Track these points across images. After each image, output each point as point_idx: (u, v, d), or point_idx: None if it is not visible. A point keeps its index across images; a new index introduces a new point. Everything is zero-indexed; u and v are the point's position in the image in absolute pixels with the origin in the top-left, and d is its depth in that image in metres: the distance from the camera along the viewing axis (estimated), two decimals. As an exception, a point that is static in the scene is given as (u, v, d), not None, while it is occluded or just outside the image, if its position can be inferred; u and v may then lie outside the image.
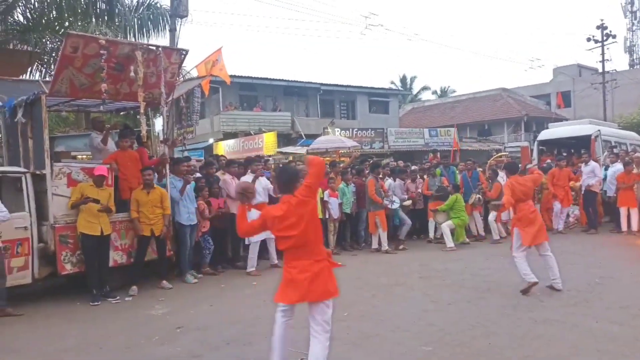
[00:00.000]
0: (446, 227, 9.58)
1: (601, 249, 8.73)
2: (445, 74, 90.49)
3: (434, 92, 48.56)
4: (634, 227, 10.02)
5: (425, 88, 47.94)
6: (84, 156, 9.70)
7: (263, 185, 8.06)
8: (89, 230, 6.24)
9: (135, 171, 7.07)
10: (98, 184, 6.36)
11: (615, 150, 12.66)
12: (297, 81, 26.59)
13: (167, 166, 7.34)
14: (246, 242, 7.96)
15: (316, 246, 3.52)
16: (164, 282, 6.89)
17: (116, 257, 6.69)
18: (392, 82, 45.97)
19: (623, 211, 10.24)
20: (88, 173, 6.54)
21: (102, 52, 6.25)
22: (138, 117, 7.14)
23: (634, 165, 10.20)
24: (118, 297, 6.36)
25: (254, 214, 7.29)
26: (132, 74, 6.51)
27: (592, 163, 11.11)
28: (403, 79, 46.65)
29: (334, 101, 28.78)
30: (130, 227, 6.82)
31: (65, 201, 6.32)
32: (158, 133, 9.20)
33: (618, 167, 10.66)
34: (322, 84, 27.20)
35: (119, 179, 6.98)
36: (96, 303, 6.13)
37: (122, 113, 9.63)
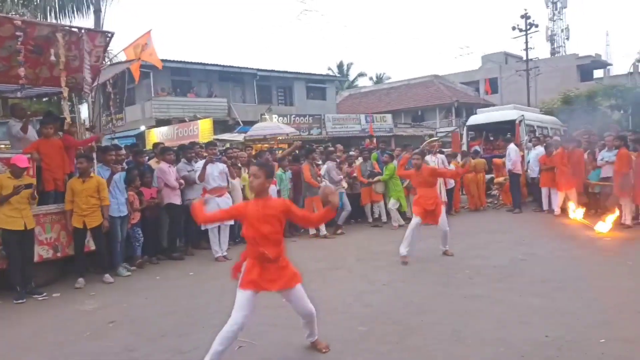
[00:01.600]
0: (392, 206, 10.09)
1: (524, 227, 9.29)
2: (380, 61, 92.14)
3: (370, 79, 49.41)
4: (554, 206, 10.73)
5: (361, 74, 48.76)
6: (2, 145, 9.09)
7: (220, 169, 7.86)
8: (10, 225, 5.83)
9: (60, 160, 6.69)
10: (17, 175, 5.95)
11: (537, 134, 13.40)
12: (232, 66, 26.10)
13: (94, 155, 7.00)
14: (202, 228, 7.82)
15: None
16: (106, 275, 6.60)
17: (41, 252, 6.32)
18: (329, 69, 46.32)
19: (544, 191, 10.94)
20: (6, 163, 6.09)
21: (17, 33, 5.82)
22: (62, 103, 6.74)
23: (554, 148, 10.90)
24: (45, 294, 6.02)
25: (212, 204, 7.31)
26: (52, 57, 6.13)
27: (509, 146, 11.75)
28: (340, 66, 47.08)
29: (271, 87, 28.56)
30: (55, 220, 6.46)
31: (-19, 194, 5.88)
32: (84, 120, 8.76)
33: (539, 150, 11.32)
34: (258, 70, 26.88)
35: (42, 169, 6.58)
36: (21, 301, 5.77)
37: (44, 99, 9.09)
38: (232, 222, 7.91)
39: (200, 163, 7.81)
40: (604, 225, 8.17)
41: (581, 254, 6.91)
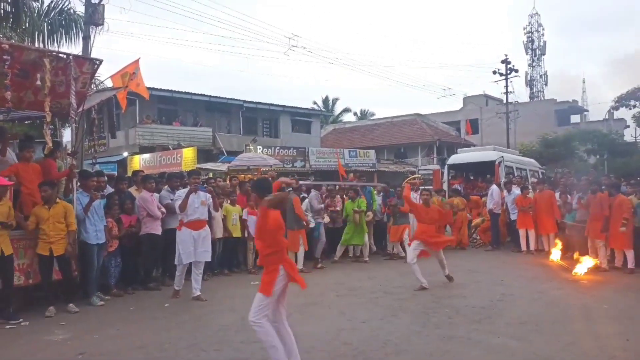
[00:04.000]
0: (366, 244, 10.35)
1: (502, 268, 9.35)
2: (365, 97, 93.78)
3: (355, 114, 50.07)
4: (532, 247, 10.87)
5: (346, 110, 49.34)
6: (-20, 167, 8.89)
7: (202, 199, 7.22)
8: (-14, 251, 5.69)
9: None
10: (-2, 197, 5.82)
11: (511, 177, 13.59)
12: (219, 97, 26.23)
13: (75, 181, 6.90)
14: (175, 262, 7.22)
15: None
16: (71, 305, 6.37)
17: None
18: (315, 103, 46.77)
19: (522, 232, 11.08)
20: (-16, 186, 5.99)
21: (5, 57, 5.82)
22: (44, 127, 6.68)
23: (530, 190, 11.12)
24: (21, 320, 5.80)
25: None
26: (38, 82, 6.12)
27: (491, 187, 12.03)
28: (325, 100, 47.66)
29: (257, 119, 28.72)
30: (29, 246, 6.28)
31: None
32: (66, 144, 8.69)
33: (516, 192, 11.52)
34: (245, 101, 27.05)
35: (22, 193, 6.46)
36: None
37: (26, 122, 9.01)
38: (208, 259, 7.28)
39: (181, 191, 7.26)
40: (581, 268, 8.27)
41: (558, 296, 6.96)
